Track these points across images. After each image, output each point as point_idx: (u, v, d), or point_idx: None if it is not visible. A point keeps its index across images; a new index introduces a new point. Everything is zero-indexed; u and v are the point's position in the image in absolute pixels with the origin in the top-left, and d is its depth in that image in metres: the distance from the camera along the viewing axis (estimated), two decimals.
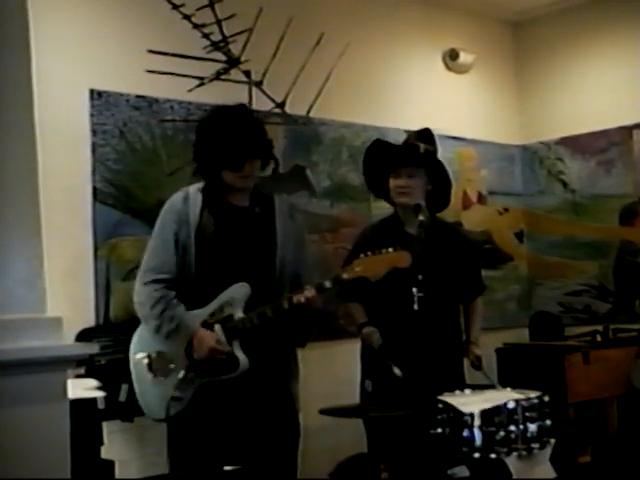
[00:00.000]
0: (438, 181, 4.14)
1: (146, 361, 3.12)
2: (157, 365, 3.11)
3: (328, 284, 3.05)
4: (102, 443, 3.61)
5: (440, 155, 4.43)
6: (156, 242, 3.18)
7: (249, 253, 3.12)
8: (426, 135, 4.16)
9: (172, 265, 3.11)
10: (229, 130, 3.07)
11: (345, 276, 3.05)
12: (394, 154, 4.05)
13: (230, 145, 3.05)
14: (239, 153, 3.06)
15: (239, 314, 3.03)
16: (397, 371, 3.51)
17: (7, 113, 2.51)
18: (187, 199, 3.16)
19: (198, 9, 3.95)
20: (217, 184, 3.15)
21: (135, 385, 3.16)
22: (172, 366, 3.07)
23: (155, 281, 3.11)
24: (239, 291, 3.05)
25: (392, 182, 4.04)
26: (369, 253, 3.06)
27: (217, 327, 3.03)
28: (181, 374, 3.03)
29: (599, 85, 6.37)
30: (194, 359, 3.04)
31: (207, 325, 3.05)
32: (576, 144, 6.45)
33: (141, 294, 3.15)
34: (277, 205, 3.26)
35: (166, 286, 3.10)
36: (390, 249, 3.06)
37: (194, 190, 3.20)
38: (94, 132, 4.51)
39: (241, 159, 3.07)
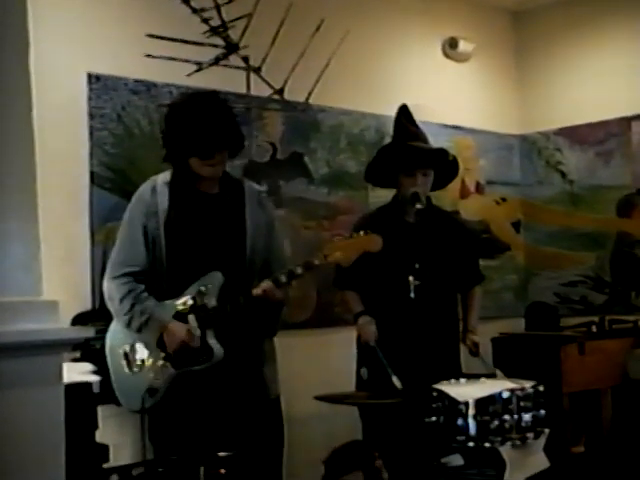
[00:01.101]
0: (444, 174, 4.16)
1: (121, 352, 3.11)
2: (132, 356, 3.10)
3: (300, 270, 3.04)
4: (97, 427, 3.60)
5: (438, 143, 4.44)
6: (124, 235, 3.15)
7: (220, 240, 3.09)
8: (407, 112, 4.16)
9: (141, 257, 3.09)
10: (201, 117, 3.01)
11: (316, 262, 3.04)
12: (417, 159, 4.03)
13: (201, 133, 3.00)
14: (210, 142, 3.02)
15: (212, 303, 3.02)
16: (397, 382, 3.47)
17: (4, 96, 2.50)
18: (155, 189, 3.13)
19: None
20: (185, 172, 3.11)
21: (111, 375, 3.15)
22: (147, 357, 3.06)
23: (123, 275, 3.09)
24: (212, 280, 3.03)
25: (404, 180, 4.04)
26: (340, 238, 3.06)
27: (191, 317, 3.01)
28: (156, 365, 3.03)
29: (598, 76, 6.35)
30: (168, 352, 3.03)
31: (181, 315, 3.03)
32: (575, 135, 6.44)
33: (110, 289, 3.13)
34: (246, 191, 3.22)
35: (135, 279, 3.08)
36: (361, 232, 3.06)
37: (162, 179, 3.16)
38: (92, 116, 4.49)
39: (211, 148, 3.03)
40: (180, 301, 3.05)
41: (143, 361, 3.07)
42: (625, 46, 6.24)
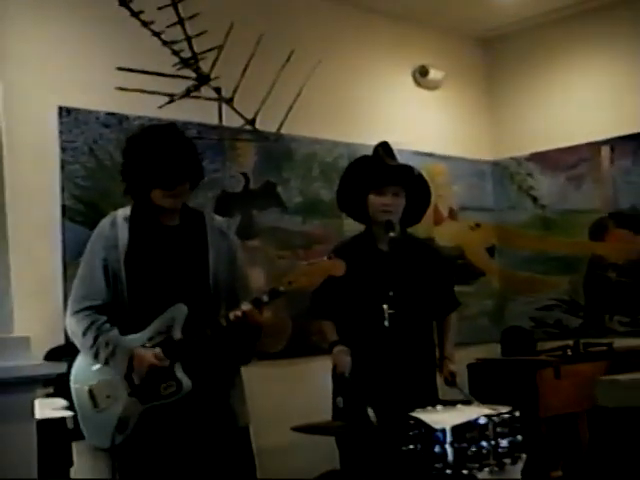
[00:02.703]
0: (417, 200, 4.17)
1: (86, 389, 3.08)
2: (98, 393, 3.06)
3: (265, 298, 3.02)
4: (72, 464, 3.56)
5: None
6: (84, 270, 3.13)
7: (182, 272, 3.09)
8: (388, 149, 4.19)
9: (101, 292, 3.07)
10: (161, 149, 3.02)
11: (282, 288, 3.03)
12: (384, 173, 4.04)
13: (163, 163, 3.01)
14: (172, 172, 3.02)
15: (178, 336, 3.00)
16: (372, 416, 3.47)
17: None
18: (115, 224, 3.12)
19: (168, 26, 3.93)
20: (146, 205, 3.12)
21: (78, 413, 3.10)
22: (114, 394, 3.03)
23: (84, 308, 3.07)
24: (176, 312, 3.01)
25: (374, 199, 4.04)
26: (304, 263, 3.07)
27: (158, 351, 2.99)
28: (123, 401, 3.00)
29: (568, 101, 6.44)
30: (135, 384, 3.00)
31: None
32: (546, 160, 6.51)
33: (72, 324, 3.10)
34: (207, 221, 3.22)
35: (95, 311, 3.06)
36: (325, 258, 3.07)
37: (122, 214, 3.16)
38: (63, 149, 4.49)
39: (174, 179, 3.04)
40: (145, 336, 3.02)
41: (109, 397, 3.03)
42: (593, 73, 6.32)
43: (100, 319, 3.05)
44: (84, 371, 3.11)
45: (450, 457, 3.24)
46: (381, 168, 4.05)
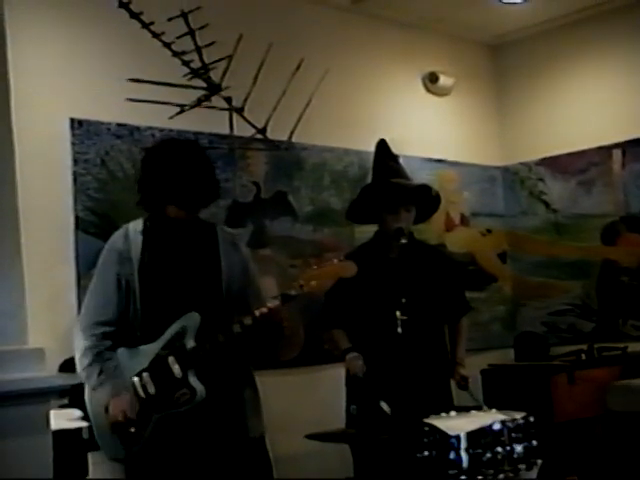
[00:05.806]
0: (426, 208, 4.19)
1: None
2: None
3: (276, 302, 3.00)
4: (87, 474, 3.57)
5: (421, 177, 4.47)
6: (96, 284, 3.14)
7: (195, 282, 3.09)
8: (386, 148, 4.20)
9: (112, 307, 3.06)
10: (183, 167, 3.06)
11: (293, 292, 3.02)
12: (402, 195, 4.06)
13: (184, 185, 3.06)
14: (192, 195, 3.08)
15: (191, 343, 3.00)
16: (385, 407, 3.48)
17: None
18: (127, 237, 3.13)
19: (178, 37, 3.96)
20: (160, 217, 3.14)
21: (93, 424, 3.08)
22: None
23: (93, 325, 3.06)
24: (189, 321, 3.01)
25: (388, 217, 4.05)
26: (314, 267, 3.06)
27: (171, 359, 2.98)
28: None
29: (578, 106, 6.42)
30: (149, 393, 2.99)
31: (160, 359, 3.00)
32: (556, 164, 6.49)
33: (77, 339, 3.09)
34: (219, 233, 3.24)
35: (103, 335, 3.05)
36: (335, 260, 3.06)
37: (134, 226, 3.17)
38: (75, 161, 4.51)
39: (194, 201, 3.11)
40: (159, 345, 3.02)
41: None
42: (603, 77, 6.31)
43: (103, 345, 3.04)
44: None
45: (465, 463, 3.23)
46: (397, 192, 4.05)
